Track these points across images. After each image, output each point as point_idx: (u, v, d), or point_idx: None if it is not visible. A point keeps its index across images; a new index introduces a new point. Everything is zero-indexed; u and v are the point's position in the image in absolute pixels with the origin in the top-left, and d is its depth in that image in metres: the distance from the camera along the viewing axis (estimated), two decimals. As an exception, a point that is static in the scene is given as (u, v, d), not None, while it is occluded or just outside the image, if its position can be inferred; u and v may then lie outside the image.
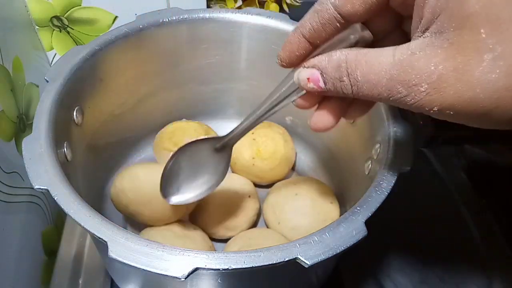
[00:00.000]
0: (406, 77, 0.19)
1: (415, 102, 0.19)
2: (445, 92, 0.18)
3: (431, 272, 0.46)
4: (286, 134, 0.50)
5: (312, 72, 0.23)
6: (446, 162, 0.56)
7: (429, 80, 0.18)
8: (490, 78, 0.17)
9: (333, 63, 0.22)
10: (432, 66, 0.18)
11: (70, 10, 0.52)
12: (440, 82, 0.18)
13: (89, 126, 0.41)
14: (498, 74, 0.17)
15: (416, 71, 0.19)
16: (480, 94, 0.18)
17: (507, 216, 0.51)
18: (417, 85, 0.19)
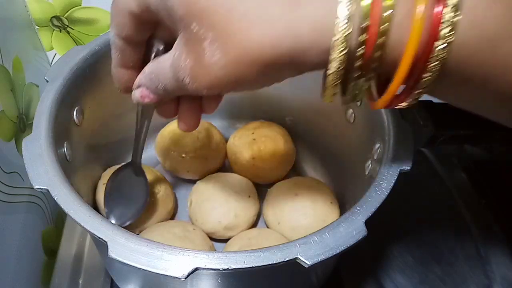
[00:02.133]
0: (177, 75, 0.23)
1: (192, 90, 0.23)
2: (199, 79, 0.22)
3: (431, 272, 0.46)
4: (286, 134, 0.50)
5: (140, 90, 0.27)
6: (446, 162, 0.56)
7: (187, 73, 0.22)
8: (215, 60, 0.21)
9: (147, 77, 0.27)
10: (183, 62, 0.22)
11: (70, 10, 0.52)
12: (193, 72, 0.22)
13: (89, 126, 0.41)
14: (217, 55, 0.21)
15: (179, 69, 0.23)
16: (217, 72, 0.21)
17: (507, 216, 0.51)
18: (184, 79, 0.23)
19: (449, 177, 0.55)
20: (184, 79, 0.23)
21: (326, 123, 0.47)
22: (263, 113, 0.53)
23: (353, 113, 0.42)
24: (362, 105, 0.40)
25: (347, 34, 0.19)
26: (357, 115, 0.42)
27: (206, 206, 0.43)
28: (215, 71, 0.21)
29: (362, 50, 0.19)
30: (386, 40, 0.19)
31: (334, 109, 0.45)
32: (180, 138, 0.48)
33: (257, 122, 0.50)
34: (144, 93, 0.27)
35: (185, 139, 0.47)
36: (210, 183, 0.45)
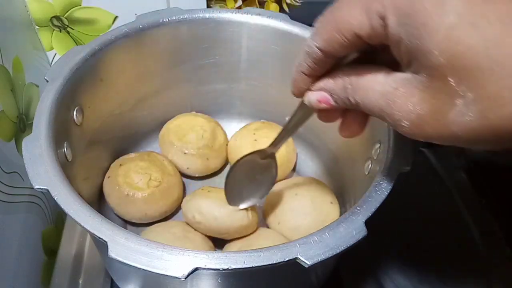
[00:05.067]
0: (390, 111, 0.21)
1: (403, 132, 0.21)
2: (425, 129, 0.20)
3: (431, 272, 0.46)
4: (286, 134, 0.50)
5: (321, 94, 0.26)
6: (446, 162, 0.56)
7: (408, 118, 0.20)
8: (464, 119, 0.19)
9: (339, 85, 0.24)
10: (410, 106, 0.20)
11: (70, 10, 0.52)
12: (419, 121, 0.20)
13: (89, 126, 0.41)
14: (471, 117, 0.19)
15: (398, 108, 0.21)
16: (458, 132, 0.19)
17: (507, 216, 0.51)
18: (399, 121, 0.21)
19: (449, 177, 0.55)
20: (401, 120, 0.21)
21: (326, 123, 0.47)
22: (264, 114, 0.53)
23: (353, 113, 0.42)
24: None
25: None
26: (357, 115, 0.42)
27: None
28: (455, 130, 0.19)
29: None
30: None
31: (334, 109, 0.45)
32: (184, 133, 0.48)
33: (258, 123, 0.50)
34: (324, 99, 0.26)
35: (190, 136, 0.48)
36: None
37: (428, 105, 0.20)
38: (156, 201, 0.43)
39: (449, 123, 0.19)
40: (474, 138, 0.19)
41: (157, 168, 0.44)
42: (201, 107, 0.52)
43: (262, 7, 0.56)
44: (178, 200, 0.46)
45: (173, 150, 0.48)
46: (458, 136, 0.20)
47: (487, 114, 0.18)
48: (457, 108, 0.19)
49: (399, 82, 0.21)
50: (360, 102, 0.23)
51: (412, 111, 0.20)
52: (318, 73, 0.26)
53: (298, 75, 0.27)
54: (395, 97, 0.21)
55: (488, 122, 0.18)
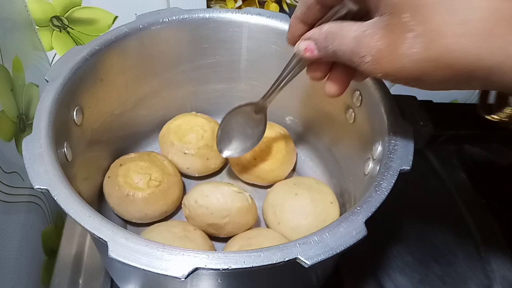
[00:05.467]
0: (358, 49, 0.24)
1: (365, 69, 0.24)
2: (382, 63, 0.23)
3: (431, 272, 0.46)
4: (287, 134, 0.50)
5: (307, 43, 0.29)
6: (446, 162, 0.56)
7: (370, 53, 0.24)
8: (412, 51, 0.22)
9: (322, 34, 0.27)
10: (373, 42, 0.23)
11: (70, 10, 0.52)
12: (378, 55, 0.23)
13: (89, 126, 0.41)
14: (417, 49, 0.22)
15: (363, 46, 0.24)
16: (406, 64, 0.22)
17: (507, 216, 0.51)
18: (364, 57, 0.24)
19: (449, 177, 0.55)
20: (365, 56, 0.24)
21: (326, 123, 0.47)
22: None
23: (353, 113, 0.42)
24: (362, 105, 0.40)
25: None
26: (357, 115, 0.42)
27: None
28: (405, 62, 0.22)
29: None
30: None
31: (334, 109, 0.45)
32: (184, 133, 0.48)
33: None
34: (310, 47, 0.28)
35: (190, 136, 0.48)
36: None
37: (386, 39, 0.23)
38: (156, 201, 0.43)
39: (400, 56, 0.22)
40: (419, 71, 0.22)
41: (157, 168, 0.44)
42: (201, 107, 0.52)
43: (262, 7, 0.56)
44: (178, 200, 0.46)
45: (173, 150, 0.48)
46: (408, 70, 0.23)
47: (430, 46, 0.21)
48: (407, 41, 0.22)
49: (367, 25, 0.24)
50: (337, 48, 0.26)
51: (374, 46, 0.23)
52: (309, 19, 0.29)
53: (293, 20, 0.30)
54: (363, 37, 0.24)
55: (430, 53, 0.21)
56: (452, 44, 0.21)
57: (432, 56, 0.22)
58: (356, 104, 0.41)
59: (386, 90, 0.38)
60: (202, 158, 0.48)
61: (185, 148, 0.47)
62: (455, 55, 0.21)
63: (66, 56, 0.38)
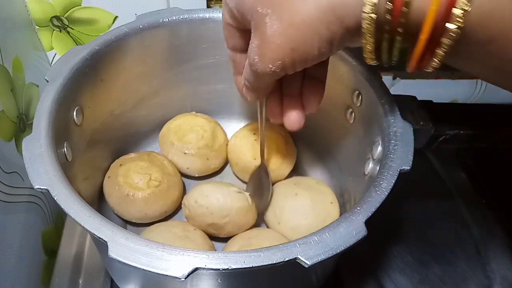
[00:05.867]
0: (249, 60, 0.28)
1: (259, 69, 0.28)
2: (264, 53, 0.27)
3: (431, 272, 0.46)
4: (287, 134, 0.50)
5: (245, 90, 0.33)
6: (446, 162, 0.56)
7: (256, 53, 0.27)
8: (274, 29, 0.25)
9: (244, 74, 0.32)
10: (253, 44, 0.27)
11: (70, 10, 0.52)
12: (259, 50, 0.27)
13: (89, 126, 0.41)
14: (275, 24, 0.25)
15: (250, 52, 0.28)
16: (277, 41, 0.25)
17: (507, 216, 0.51)
18: (254, 59, 0.27)
19: (449, 177, 0.55)
20: (255, 59, 0.27)
21: (326, 123, 0.47)
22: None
23: (353, 113, 0.42)
24: (362, 105, 0.40)
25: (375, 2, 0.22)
26: (357, 115, 0.42)
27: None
28: (275, 40, 0.25)
29: (389, 16, 0.23)
30: (409, 10, 0.22)
31: (334, 109, 0.45)
32: (184, 134, 0.48)
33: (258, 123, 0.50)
34: (245, 91, 0.33)
35: (189, 136, 0.48)
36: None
37: (258, 35, 0.26)
38: (156, 201, 0.43)
39: (270, 37, 0.26)
40: (289, 41, 0.25)
41: (157, 168, 0.44)
42: (201, 107, 0.52)
43: (262, 7, 0.56)
44: (178, 200, 0.46)
45: (173, 150, 0.48)
46: (281, 46, 0.25)
47: (282, 16, 0.25)
48: (268, 23, 0.25)
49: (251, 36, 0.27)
50: (246, 74, 0.30)
51: (254, 46, 0.27)
52: (241, 70, 0.33)
53: (234, 77, 0.36)
54: (249, 48, 0.28)
55: (285, 20, 0.25)
56: (295, 6, 0.24)
57: (288, 22, 0.25)
58: (356, 104, 0.41)
59: (386, 90, 0.38)
60: (202, 158, 0.48)
61: (185, 148, 0.47)
62: (301, 11, 0.24)
63: (66, 56, 0.38)
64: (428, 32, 0.22)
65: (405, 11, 0.22)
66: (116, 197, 0.43)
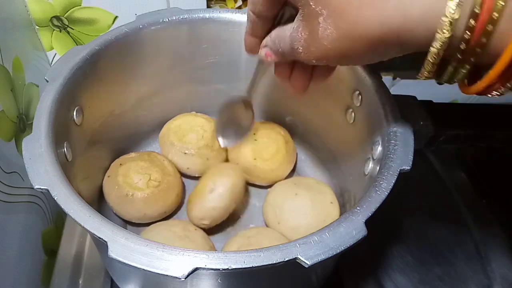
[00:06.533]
0: (293, 44, 0.28)
1: (303, 59, 0.28)
2: (310, 49, 0.26)
3: (431, 272, 0.46)
4: (287, 135, 0.50)
5: (265, 49, 0.32)
6: (446, 162, 0.56)
7: (301, 44, 0.27)
8: (327, 33, 0.25)
9: (272, 40, 0.31)
10: (299, 34, 0.27)
11: (70, 10, 0.52)
12: (306, 44, 0.26)
13: (89, 126, 0.41)
14: (330, 29, 0.24)
15: (295, 39, 0.27)
16: (328, 45, 0.25)
17: (507, 216, 0.51)
18: (298, 49, 0.27)
19: (449, 177, 0.55)
20: (298, 48, 0.27)
21: (326, 123, 0.47)
22: (264, 113, 0.53)
23: (353, 113, 0.42)
24: (362, 105, 0.40)
25: (456, 18, 0.21)
26: (357, 115, 0.42)
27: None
28: (326, 44, 0.25)
29: (468, 35, 0.21)
30: (494, 28, 0.20)
31: (334, 109, 0.45)
32: (184, 134, 0.48)
33: (258, 123, 0.50)
34: (268, 53, 0.32)
35: (189, 136, 0.48)
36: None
37: (307, 29, 0.26)
38: (155, 201, 0.43)
39: (321, 39, 0.25)
40: (341, 48, 0.25)
41: (157, 168, 0.44)
42: (201, 107, 0.52)
43: (262, 7, 0.56)
44: (177, 201, 0.46)
45: (173, 150, 0.48)
46: (331, 50, 0.25)
47: (338, 24, 0.24)
48: (321, 25, 0.25)
49: (295, 22, 0.27)
50: (282, 48, 0.30)
51: (301, 37, 0.26)
52: (257, 34, 0.33)
53: (246, 36, 0.34)
54: (294, 33, 0.27)
55: (341, 31, 0.24)
56: (355, 18, 0.23)
57: (344, 33, 0.24)
58: (356, 104, 0.41)
59: (386, 90, 0.38)
60: (202, 158, 0.48)
61: (185, 148, 0.47)
62: (362, 27, 0.23)
63: (66, 56, 0.38)
64: (508, 59, 0.21)
65: (486, 31, 0.20)
66: (116, 196, 0.43)
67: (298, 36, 0.27)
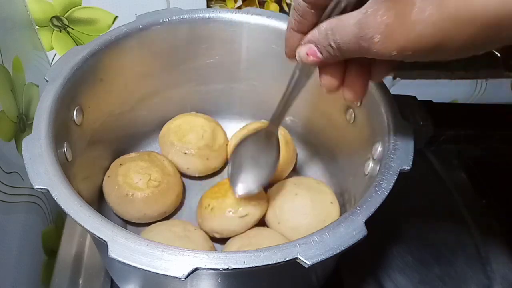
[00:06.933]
0: (363, 33, 0.22)
1: (377, 51, 0.22)
2: (394, 37, 0.21)
3: (431, 272, 0.46)
4: (288, 135, 0.50)
5: (308, 47, 0.26)
6: (446, 162, 0.56)
7: (379, 31, 0.21)
8: (425, 16, 0.20)
9: (322, 33, 0.25)
10: (378, 19, 0.21)
11: (70, 10, 0.52)
12: (388, 30, 0.21)
13: (89, 126, 0.41)
14: (430, 10, 0.20)
15: (369, 26, 0.22)
16: (423, 30, 0.20)
17: (507, 216, 0.51)
18: (372, 37, 0.22)
19: (449, 177, 0.55)
20: (373, 37, 0.22)
21: (326, 123, 0.47)
22: (264, 113, 0.53)
23: (353, 113, 0.42)
24: (362, 105, 0.40)
25: None
26: (357, 115, 0.42)
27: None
28: (420, 28, 0.20)
29: None
30: None
31: (334, 109, 0.45)
32: (184, 133, 0.48)
33: (258, 123, 0.50)
34: (311, 51, 0.26)
35: (189, 136, 0.48)
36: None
37: (393, 11, 0.21)
38: (155, 201, 0.43)
39: (414, 23, 0.20)
40: (439, 35, 0.20)
41: (157, 168, 0.44)
42: (201, 107, 0.52)
43: (262, 7, 0.56)
44: (177, 201, 0.46)
45: (173, 150, 0.48)
46: (425, 38, 0.20)
47: (444, 2, 0.19)
48: (416, 5, 0.20)
49: (367, 6, 0.22)
50: (340, 41, 0.24)
51: (381, 22, 0.21)
52: (306, 27, 0.27)
53: (289, 32, 0.28)
54: (366, 18, 0.22)
55: (447, 10, 0.19)
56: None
57: (450, 14, 0.19)
58: (356, 104, 0.41)
59: (386, 90, 0.38)
60: (202, 158, 0.48)
61: (185, 148, 0.47)
62: (476, 6, 0.19)
63: (66, 56, 0.38)
64: None
65: None
66: (116, 196, 0.43)
67: (377, 21, 0.21)
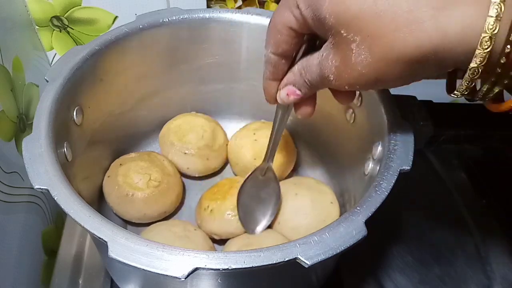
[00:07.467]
0: (322, 72, 0.27)
1: (335, 86, 0.27)
2: (343, 77, 0.26)
3: (431, 272, 0.46)
4: (288, 134, 0.50)
5: (288, 88, 0.31)
6: (446, 162, 0.56)
7: (331, 72, 0.26)
8: (361, 58, 0.24)
9: (297, 74, 0.30)
10: (329, 62, 0.26)
11: (70, 10, 0.52)
12: (338, 71, 0.26)
13: (89, 126, 0.41)
14: (365, 54, 0.24)
15: (325, 67, 0.27)
16: (362, 70, 0.24)
17: (507, 216, 0.51)
18: (328, 77, 0.27)
19: (449, 177, 0.55)
20: (329, 76, 0.26)
21: (326, 123, 0.47)
22: (264, 113, 0.53)
23: (353, 113, 0.42)
24: (362, 105, 0.40)
25: (496, 32, 0.21)
26: (357, 115, 0.42)
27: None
28: (359, 69, 0.24)
29: (508, 49, 0.21)
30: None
31: (334, 109, 0.45)
32: (184, 133, 0.48)
33: (258, 123, 0.50)
34: (291, 91, 0.30)
35: (189, 136, 0.48)
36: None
37: (339, 57, 0.25)
38: (155, 201, 0.43)
39: (355, 65, 0.24)
40: (376, 73, 0.24)
41: (157, 169, 0.44)
42: (201, 107, 0.52)
43: (262, 7, 0.56)
44: (177, 201, 0.46)
45: (173, 150, 0.48)
46: (365, 75, 0.25)
47: (373, 49, 0.23)
48: (354, 51, 0.24)
49: (323, 50, 0.27)
50: (310, 79, 0.29)
51: (332, 65, 0.26)
52: (280, 75, 0.31)
53: (266, 83, 0.32)
54: (323, 61, 0.27)
55: (376, 55, 0.23)
56: (391, 41, 0.23)
57: (380, 57, 0.23)
58: (356, 104, 0.41)
59: (386, 90, 0.38)
60: (202, 158, 0.48)
61: (185, 148, 0.47)
62: (398, 50, 0.23)
63: (66, 56, 0.38)
64: None
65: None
66: (116, 196, 0.43)
67: (329, 64, 0.26)
